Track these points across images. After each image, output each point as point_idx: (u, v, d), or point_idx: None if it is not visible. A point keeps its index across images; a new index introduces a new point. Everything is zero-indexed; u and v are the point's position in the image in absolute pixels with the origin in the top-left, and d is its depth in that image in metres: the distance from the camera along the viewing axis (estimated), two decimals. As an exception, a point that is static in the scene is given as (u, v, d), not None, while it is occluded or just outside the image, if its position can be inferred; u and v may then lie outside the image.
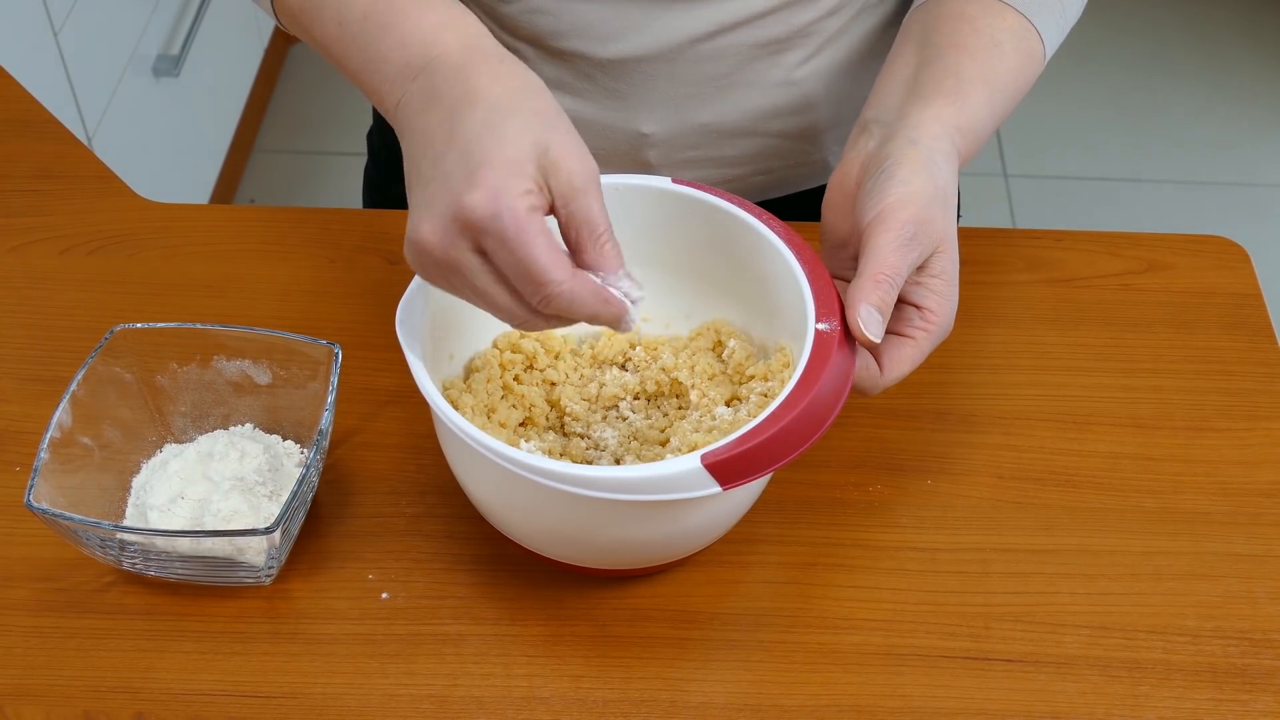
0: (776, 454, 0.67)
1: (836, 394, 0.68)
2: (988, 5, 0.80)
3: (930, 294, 0.72)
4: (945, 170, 0.73)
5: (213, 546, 0.72)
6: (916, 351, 0.72)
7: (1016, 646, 0.74)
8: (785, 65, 0.93)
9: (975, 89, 0.77)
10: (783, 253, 0.73)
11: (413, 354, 0.70)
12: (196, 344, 0.79)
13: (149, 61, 1.95)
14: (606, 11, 0.88)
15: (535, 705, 0.72)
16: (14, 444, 0.82)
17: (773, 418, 0.66)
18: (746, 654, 0.74)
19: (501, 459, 0.66)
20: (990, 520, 0.79)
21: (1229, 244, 0.94)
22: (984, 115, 0.77)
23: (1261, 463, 0.82)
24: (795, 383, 0.68)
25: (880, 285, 0.69)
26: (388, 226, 0.95)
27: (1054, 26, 0.82)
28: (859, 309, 0.69)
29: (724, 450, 0.65)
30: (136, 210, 0.97)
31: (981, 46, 0.78)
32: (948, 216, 0.72)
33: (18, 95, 1.05)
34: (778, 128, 0.96)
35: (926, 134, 0.74)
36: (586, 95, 0.92)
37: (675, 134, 0.94)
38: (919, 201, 0.71)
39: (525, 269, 0.63)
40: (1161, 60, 2.67)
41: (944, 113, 0.75)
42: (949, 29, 0.80)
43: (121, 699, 0.72)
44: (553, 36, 0.90)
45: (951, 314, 0.73)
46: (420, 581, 0.76)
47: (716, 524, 0.74)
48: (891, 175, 0.72)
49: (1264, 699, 0.72)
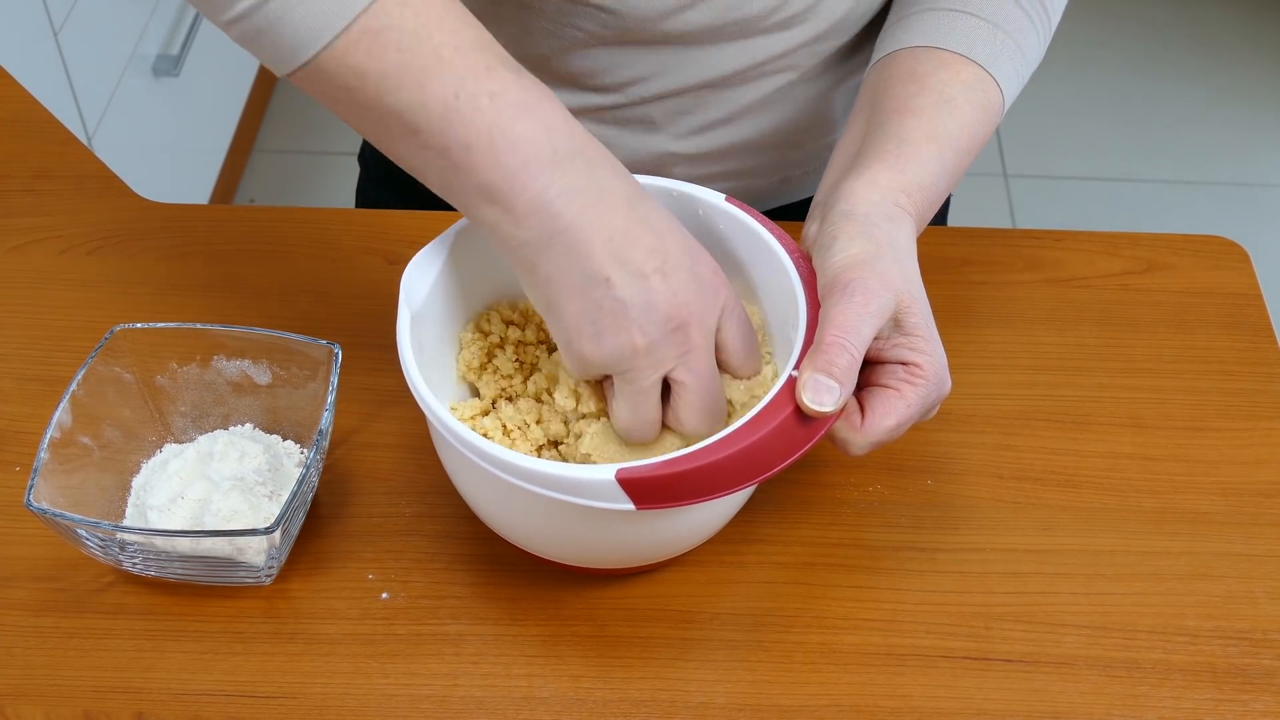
0: (701, 487, 0.65)
1: (790, 443, 0.66)
2: (940, 60, 0.79)
3: (911, 351, 0.69)
4: (887, 229, 0.71)
5: (212, 546, 0.72)
6: (902, 403, 0.68)
7: (1016, 646, 0.74)
8: (813, 90, 0.93)
9: (921, 149, 0.75)
10: (793, 281, 0.72)
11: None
12: (196, 344, 0.79)
13: (149, 61, 1.95)
14: (644, 56, 0.87)
15: (535, 705, 0.72)
16: (14, 444, 0.82)
17: (706, 450, 0.64)
18: (746, 654, 0.74)
19: (439, 422, 0.67)
20: (990, 520, 0.79)
21: (1229, 244, 0.94)
22: (933, 171, 0.75)
23: (1261, 463, 0.82)
24: (744, 421, 0.65)
25: (830, 348, 0.66)
26: (388, 226, 0.95)
27: (1012, 74, 0.80)
28: (805, 377, 0.66)
29: (643, 470, 0.64)
30: (136, 210, 0.97)
31: (929, 105, 0.76)
32: (903, 269, 0.70)
33: (18, 95, 1.05)
34: (799, 140, 0.96)
35: (861, 201, 0.72)
36: (614, 122, 0.92)
37: (698, 152, 0.94)
38: (862, 261, 0.68)
39: (752, 346, 0.71)
40: (1161, 61, 2.67)
41: (880, 178, 0.73)
42: (897, 91, 0.78)
43: (121, 699, 0.72)
44: (588, 76, 0.89)
45: (940, 370, 0.69)
46: (420, 581, 0.77)
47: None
48: (828, 248, 0.70)
49: (1264, 699, 0.72)
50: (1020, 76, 0.81)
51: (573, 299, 0.67)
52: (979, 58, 0.79)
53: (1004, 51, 0.80)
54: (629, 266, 0.66)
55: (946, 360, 0.70)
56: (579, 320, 0.67)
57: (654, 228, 0.67)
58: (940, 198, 0.76)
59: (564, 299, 0.67)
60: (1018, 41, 0.80)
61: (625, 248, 0.66)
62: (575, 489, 0.65)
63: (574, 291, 0.67)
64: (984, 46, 0.79)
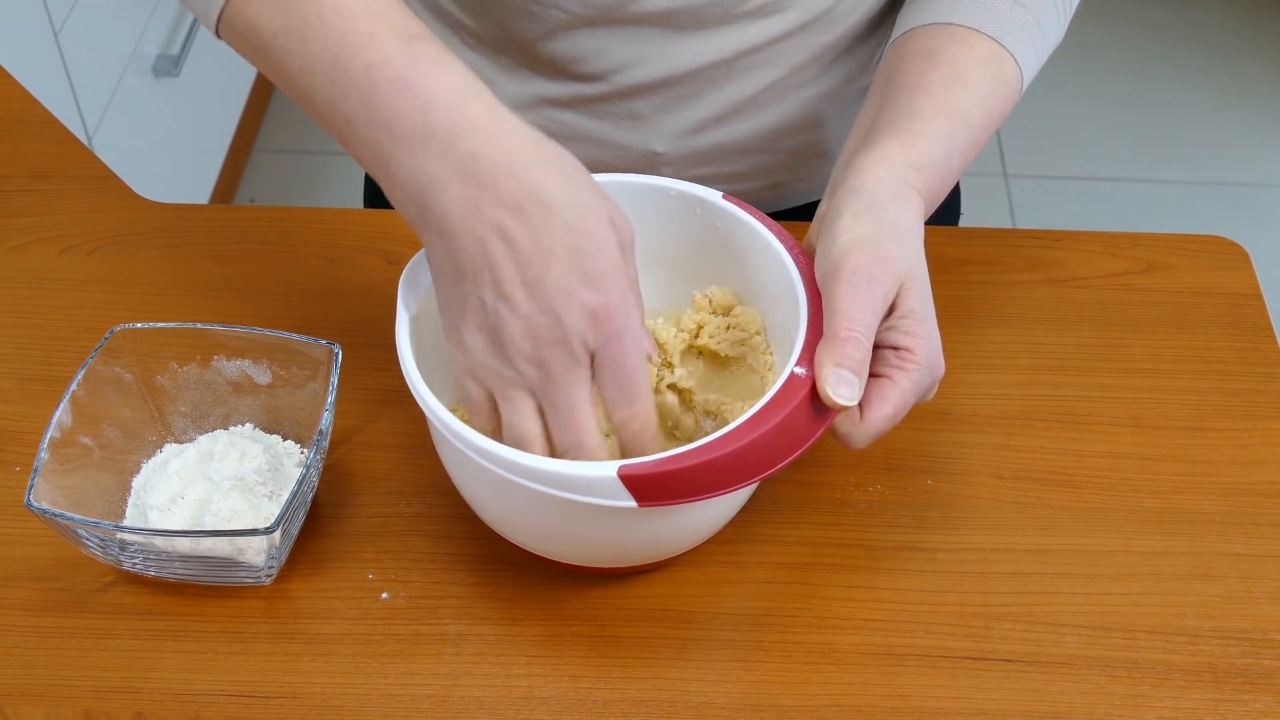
0: (703, 484, 0.65)
1: (791, 440, 0.65)
2: (953, 34, 0.78)
3: (903, 335, 0.68)
4: (893, 209, 0.70)
5: (213, 546, 0.72)
6: (896, 391, 0.68)
7: (1016, 646, 0.74)
8: (801, 85, 0.93)
9: (932, 124, 0.74)
10: (793, 278, 0.71)
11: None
12: (196, 344, 0.79)
13: (149, 61, 1.95)
14: (626, 41, 0.87)
15: (535, 705, 0.72)
16: (14, 444, 0.82)
17: (707, 447, 0.64)
18: (746, 654, 0.74)
19: (439, 422, 0.67)
20: (990, 520, 0.79)
21: (1229, 244, 0.94)
22: (944, 148, 0.74)
23: (1261, 463, 0.82)
24: (745, 419, 0.65)
25: (845, 343, 0.65)
26: (388, 226, 0.95)
27: (1030, 49, 0.80)
28: (826, 372, 0.65)
29: (645, 467, 0.64)
30: (136, 210, 0.97)
31: (941, 80, 0.76)
32: (905, 252, 0.69)
33: (18, 95, 1.05)
34: (789, 144, 0.96)
35: (870, 178, 0.71)
36: (601, 116, 0.92)
37: (688, 153, 0.94)
38: (866, 244, 0.68)
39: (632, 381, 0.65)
40: (1161, 61, 2.67)
41: (891, 153, 0.72)
42: (909, 68, 0.78)
43: (121, 699, 0.72)
44: (571, 63, 0.89)
45: (933, 352, 0.69)
46: (420, 581, 0.77)
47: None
48: (833, 226, 0.69)
49: (1264, 699, 0.72)
50: (1039, 52, 0.81)
51: (444, 288, 0.66)
52: (994, 32, 0.78)
53: (1020, 26, 0.79)
54: (494, 271, 0.63)
55: (940, 341, 0.70)
56: (448, 310, 0.66)
57: (537, 238, 0.63)
58: (953, 174, 0.76)
59: (439, 285, 0.67)
60: (1035, 16, 0.80)
61: (492, 253, 0.63)
62: (577, 486, 0.65)
63: (445, 281, 0.66)
64: (1000, 21, 0.78)
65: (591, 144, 0.93)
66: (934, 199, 0.74)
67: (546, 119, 0.92)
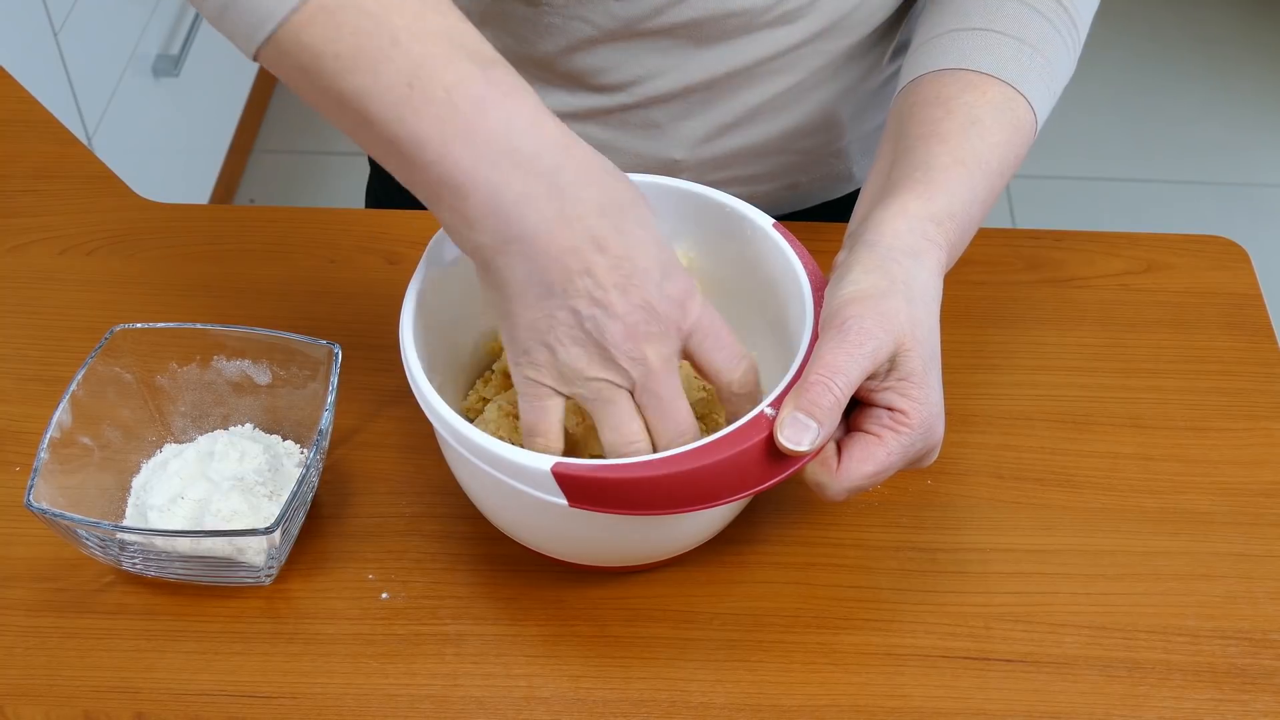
0: (637, 500, 0.64)
1: (741, 479, 0.65)
2: (966, 81, 0.77)
3: (899, 396, 0.67)
4: (908, 264, 0.69)
5: (212, 546, 0.72)
6: (883, 450, 0.67)
7: (1016, 646, 0.74)
8: (820, 94, 0.93)
9: (950, 174, 0.73)
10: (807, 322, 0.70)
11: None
12: (196, 344, 0.79)
13: (149, 61, 1.95)
14: (648, 53, 0.87)
15: (535, 705, 0.72)
16: (14, 444, 0.82)
17: (646, 464, 0.64)
18: (746, 654, 0.74)
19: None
20: (990, 520, 0.79)
21: (1229, 244, 0.94)
22: (964, 198, 0.73)
23: (1261, 463, 0.82)
24: (699, 445, 0.64)
25: (813, 388, 0.64)
26: (388, 226, 0.95)
27: (1042, 90, 0.78)
28: (784, 414, 0.65)
29: (579, 469, 0.64)
30: (136, 210, 0.97)
31: (956, 129, 0.75)
32: (912, 310, 0.67)
33: (18, 95, 1.05)
34: (805, 145, 0.96)
35: (887, 233, 0.70)
36: (619, 125, 0.91)
37: (706, 159, 0.94)
38: (868, 296, 0.67)
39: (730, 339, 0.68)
40: (1162, 61, 2.67)
41: (910, 206, 0.71)
42: (922, 117, 0.76)
43: (121, 699, 0.72)
44: (590, 75, 0.88)
45: (929, 418, 0.68)
46: (420, 581, 0.77)
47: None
48: (841, 278, 0.69)
49: (1264, 699, 0.72)
50: (1052, 91, 0.80)
51: (526, 309, 0.65)
52: (1006, 76, 0.77)
53: (1032, 67, 0.77)
54: (587, 280, 0.64)
55: (942, 407, 0.69)
56: (531, 332, 0.65)
57: (623, 239, 0.65)
58: (974, 223, 0.74)
59: (518, 307, 0.65)
60: (1046, 56, 0.78)
61: (586, 259, 0.64)
62: (514, 472, 0.65)
63: (528, 301, 0.65)
64: (1011, 64, 0.77)
65: (609, 153, 0.92)
66: (955, 251, 0.73)
67: None
